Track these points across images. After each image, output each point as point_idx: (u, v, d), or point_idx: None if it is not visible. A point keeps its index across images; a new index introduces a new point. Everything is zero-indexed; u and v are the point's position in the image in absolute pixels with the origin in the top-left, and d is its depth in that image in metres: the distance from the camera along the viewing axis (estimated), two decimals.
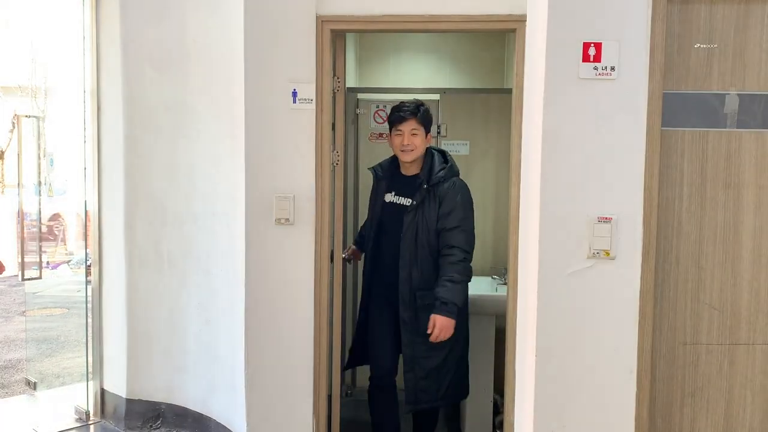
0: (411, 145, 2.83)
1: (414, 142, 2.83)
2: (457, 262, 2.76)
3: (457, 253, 2.76)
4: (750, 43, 2.16)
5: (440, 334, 2.71)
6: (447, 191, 2.82)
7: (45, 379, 4.38)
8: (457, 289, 2.75)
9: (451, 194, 2.81)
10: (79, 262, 8.33)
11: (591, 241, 2.09)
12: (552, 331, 2.13)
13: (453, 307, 2.72)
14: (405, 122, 2.83)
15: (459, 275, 2.75)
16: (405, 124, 2.83)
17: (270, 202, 2.83)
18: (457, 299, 2.74)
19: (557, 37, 2.07)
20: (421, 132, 2.84)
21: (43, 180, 4.11)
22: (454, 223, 2.78)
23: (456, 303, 2.73)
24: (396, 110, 2.89)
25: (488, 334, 3.16)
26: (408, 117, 2.83)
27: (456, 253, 2.77)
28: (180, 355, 3.37)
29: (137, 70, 3.31)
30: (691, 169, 2.18)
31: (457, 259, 2.76)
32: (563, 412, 2.15)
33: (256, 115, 2.82)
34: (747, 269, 2.20)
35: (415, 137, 2.83)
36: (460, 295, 2.77)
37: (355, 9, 2.81)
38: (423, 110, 2.87)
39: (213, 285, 3.20)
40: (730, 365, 2.23)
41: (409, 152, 2.84)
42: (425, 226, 2.82)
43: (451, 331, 2.73)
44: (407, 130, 2.82)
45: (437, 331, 2.71)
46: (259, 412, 2.90)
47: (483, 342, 3.14)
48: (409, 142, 2.83)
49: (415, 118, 2.83)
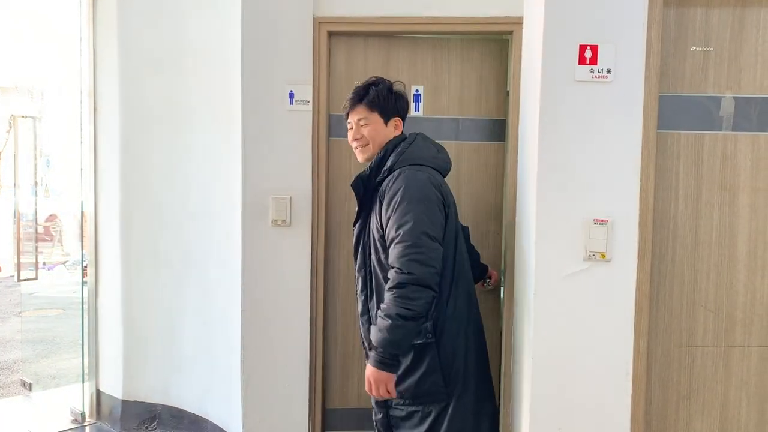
0: (362, 139, 2.21)
1: (365, 133, 2.20)
2: (389, 288, 1.97)
3: (391, 276, 1.99)
4: (745, 47, 2.16)
5: (373, 388, 2.01)
6: (387, 188, 2.10)
7: (41, 380, 4.37)
8: (388, 329, 1.94)
9: (390, 191, 2.07)
10: (76, 263, 8.31)
11: (587, 243, 2.09)
12: (548, 333, 2.13)
13: (385, 354, 1.96)
14: (351, 111, 2.24)
15: (390, 308, 1.95)
16: (352, 113, 2.24)
17: (266, 203, 2.83)
18: (389, 343, 1.94)
19: (554, 39, 2.08)
20: (373, 119, 2.20)
21: (40, 180, 4.11)
22: (392, 233, 2.02)
23: (384, 348, 1.95)
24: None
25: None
26: (353, 104, 2.23)
27: (390, 276, 1.99)
28: (176, 356, 3.36)
29: (134, 70, 3.31)
30: (686, 171, 2.19)
31: (390, 285, 1.98)
32: (559, 414, 2.15)
33: (252, 116, 2.82)
34: (742, 272, 2.20)
35: (365, 128, 2.20)
36: (393, 336, 1.94)
37: (352, 11, 2.82)
38: (373, 90, 2.22)
39: (209, 286, 3.20)
40: (725, 368, 2.23)
41: (362, 149, 2.23)
42: (372, 241, 2.16)
43: (391, 388, 2.01)
44: (355, 120, 2.23)
45: (367, 384, 2.02)
46: (255, 414, 2.90)
47: None
48: (359, 136, 2.21)
49: (361, 104, 2.21)
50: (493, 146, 2.92)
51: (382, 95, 2.22)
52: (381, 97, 2.22)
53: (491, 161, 2.93)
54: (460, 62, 2.92)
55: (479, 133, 2.92)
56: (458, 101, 2.93)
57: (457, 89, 2.93)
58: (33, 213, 4.11)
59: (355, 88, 2.27)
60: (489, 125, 2.92)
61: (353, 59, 2.94)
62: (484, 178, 2.93)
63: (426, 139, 2.29)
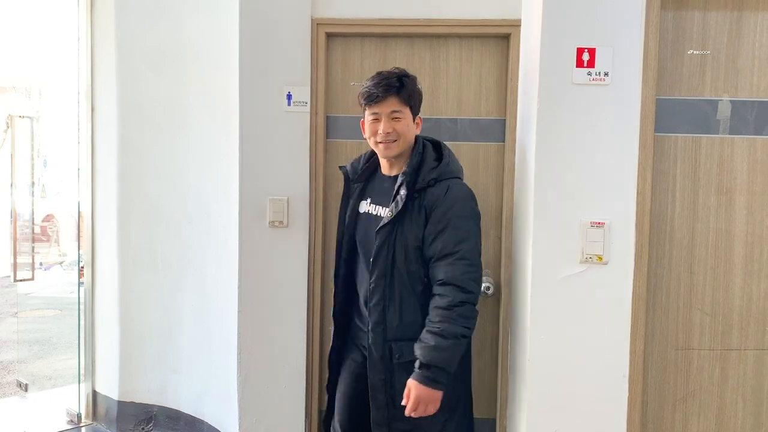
0: (393, 134, 2.06)
1: (397, 128, 2.06)
2: (449, 306, 1.93)
3: (449, 293, 1.94)
4: (743, 50, 2.17)
5: (418, 407, 1.93)
6: (437, 199, 2.02)
7: (37, 380, 4.36)
8: (445, 348, 1.91)
9: (444, 204, 2.01)
10: (72, 264, 8.30)
11: (584, 246, 2.09)
12: (545, 336, 2.13)
13: (439, 373, 1.92)
14: (382, 102, 2.05)
15: (450, 326, 1.91)
16: (383, 104, 2.06)
17: (264, 204, 2.83)
18: (444, 362, 1.92)
19: (551, 42, 2.08)
20: (406, 114, 2.07)
21: (37, 180, 4.10)
22: (448, 249, 1.97)
23: (443, 368, 1.93)
24: (369, 84, 2.08)
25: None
26: (386, 94, 2.05)
27: (448, 293, 1.94)
28: (173, 357, 3.36)
29: (132, 70, 3.31)
30: (683, 174, 2.19)
31: (449, 303, 1.93)
32: (556, 417, 2.15)
33: (250, 117, 2.82)
34: (739, 275, 2.21)
35: (397, 122, 2.06)
36: (451, 355, 1.93)
37: (351, 12, 2.82)
38: (408, 83, 2.08)
39: (206, 287, 3.19)
40: (721, 371, 2.23)
41: (390, 144, 2.07)
42: (403, 249, 2.03)
43: (436, 406, 1.95)
44: (386, 113, 2.06)
45: (413, 403, 1.93)
46: (252, 415, 2.90)
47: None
48: (390, 130, 2.05)
49: (396, 96, 2.05)
50: (493, 147, 2.91)
51: (415, 90, 2.12)
52: (415, 92, 2.11)
53: (491, 162, 2.92)
54: (459, 62, 2.91)
55: (478, 134, 2.92)
56: (456, 101, 2.92)
57: (456, 89, 2.92)
58: (30, 213, 4.10)
59: (382, 77, 2.06)
60: (488, 125, 2.91)
61: (350, 60, 2.94)
62: (484, 180, 2.92)
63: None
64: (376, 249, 2.05)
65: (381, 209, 2.14)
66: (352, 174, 2.26)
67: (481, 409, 2.96)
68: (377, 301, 2.05)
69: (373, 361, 2.06)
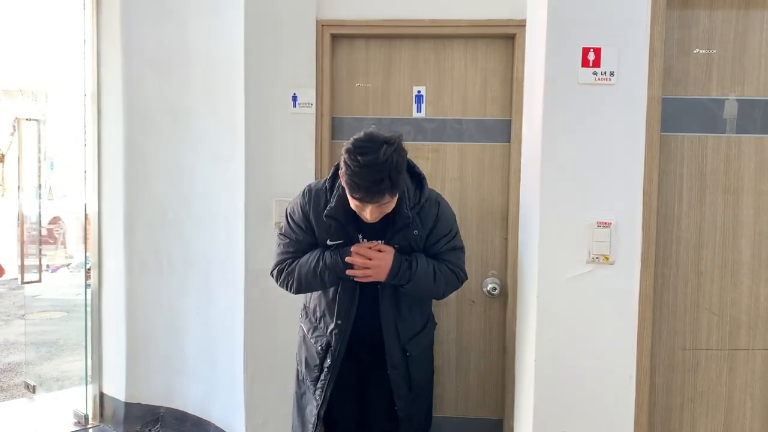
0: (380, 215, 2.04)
1: (384, 211, 2.03)
2: (454, 273, 2.24)
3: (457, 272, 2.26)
4: (749, 49, 2.16)
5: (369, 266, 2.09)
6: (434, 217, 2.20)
7: (44, 382, 4.37)
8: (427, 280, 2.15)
9: (443, 218, 2.21)
10: (79, 266, 8.32)
11: (590, 246, 2.09)
12: (551, 337, 2.13)
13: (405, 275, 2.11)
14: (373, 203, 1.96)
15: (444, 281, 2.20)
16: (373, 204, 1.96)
17: (269, 206, 2.83)
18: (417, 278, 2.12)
19: (557, 42, 2.07)
20: (393, 200, 2.02)
21: (44, 183, 4.12)
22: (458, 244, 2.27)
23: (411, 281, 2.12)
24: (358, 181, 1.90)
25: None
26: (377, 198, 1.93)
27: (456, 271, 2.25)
28: (179, 358, 3.36)
29: (138, 73, 3.32)
30: (690, 174, 2.18)
31: (456, 273, 2.25)
32: (563, 418, 2.14)
33: (256, 119, 2.83)
34: (746, 274, 2.20)
35: (387, 206, 2.01)
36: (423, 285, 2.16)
37: (356, 14, 2.82)
38: (397, 178, 1.92)
39: (212, 289, 3.20)
40: (729, 371, 2.22)
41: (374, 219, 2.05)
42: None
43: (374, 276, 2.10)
44: (374, 204, 1.97)
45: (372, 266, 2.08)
46: (258, 416, 2.90)
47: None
48: (378, 215, 2.02)
49: (389, 194, 1.93)
50: (498, 147, 2.90)
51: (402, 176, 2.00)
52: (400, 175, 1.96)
53: (496, 162, 2.91)
54: (464, 62, 2.90)
55: (484, 134, 2.91)
56: (462, 102, 2.91)
57: (461, 89, 2.91)
58: (37, 215, 4.11)
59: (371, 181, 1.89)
60: (494, 126, 2.90)
61: (355, 61, 2.94)
62: (489, 180, 2.91)
63: None
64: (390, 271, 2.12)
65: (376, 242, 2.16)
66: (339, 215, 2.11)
67: (488, 409, 2.96)
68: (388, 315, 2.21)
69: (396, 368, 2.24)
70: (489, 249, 2.92)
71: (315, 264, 2.16)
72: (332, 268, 2.13)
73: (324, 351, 2.25)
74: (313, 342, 2.29)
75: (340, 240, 2.16)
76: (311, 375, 2.30)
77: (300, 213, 2.20)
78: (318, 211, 2.15)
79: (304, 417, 2.36)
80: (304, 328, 2.36)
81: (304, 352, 2.35)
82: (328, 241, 2.18)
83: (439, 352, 2.93)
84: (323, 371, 2.25)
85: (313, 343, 2.28)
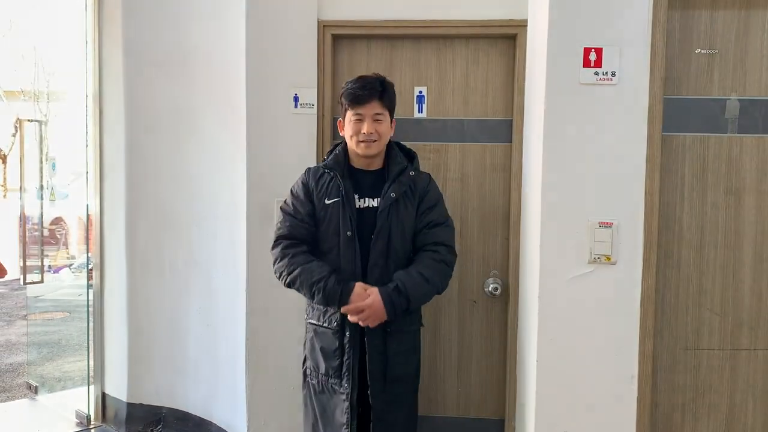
0: (375, 134, 2.21)
1: (379, 130, 2.22)
2: (440, 261, 2.21)
3: (442, 252, 2.22)
4: (751, 49, 2.16)
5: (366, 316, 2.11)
6: (425, 186, 2.31)
7: (46, 383, 4.38)
8: (421, 288, 2.16)
9: (431, 191, 2.31)
10: (81, 266, 8.33)
11: (592, 246, 2.09)
12: (553, 336, 2.13)
13: (402, 302, 2.12)
14: (366, 104, 2.21)
15: (434, 277, 2.18)
16: (367, 106, 2.21)
17: (271, 206, 2.83)
18: (414, 297, 2.14)
19: (558, 42, 2.08)
20: (386, 117, 2.24)
21: (45, 184, 4.12)
22: (441, 219, 2.28)
23: (408, 300, 2.13)
24: (354, 87, 2.23)
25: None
26: (371, 97, 2.21)
27: (441, 251, 2.22)
28: (181, 359, 3.37)
29: (139, 74, 3.33)
30: (692, 174, 2.18)
31: (441, 258, 2.22)
32: (564, 417, 2.15)
33: (257, 119, 2.83)
34: (748, 274, 2.20)
35: (379, 124, 2.22)
36: (421, 296, 2.19)
37: (357, 14, 2.82)
38: (389, 88, 2.27)
39: (214, 289, 3.20)
40: (731, 371, 2.22)
41: (370, 144, 2.22)
42: (400, 230, 2.24)
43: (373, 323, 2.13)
44: (369, 114, 2.21)
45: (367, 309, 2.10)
46: (260, 417, 2.90)
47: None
48: (373, 131, 2.21)
49: (379, 100, 2.22)
50: (500, 147, 2.89)
51: (394, 95, 2.30)
52: (393, 97, 2.30)
53: (498, 162, 2.90)
54: (465, 62, 2.90)
55: (485, 135, 2.91)
56: (463, 102, 2.91)
57: (462, 90, 2.91)
58: (39, 216, 4.12)
59: (365, 81, 2.24)
60: (495, 126, 2.90)
61: (356, 62, 2.94)
62: (491, 180, 2.91)
63: None
64: (376, 232, 2.21)
65: (370, 200, 2.27)
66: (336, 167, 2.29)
67: (490, 409, 2.96)
68: (377, 279, 2.20)
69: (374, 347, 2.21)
70: (490, 249, 2.92)
71: (317, 280, 2.17)
72: (330, 293, 2.15)
73: (341, 327, 2.22)
74: (326, 325, 2.26)
75: (337, 198, 2.24)
76: (332, 364, 2.24)
77: (300, 184, 2.34)
78: (316, 177, 2.31)
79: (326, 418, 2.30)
80: (314, 319, 2.32)
81: (318, 343, 2.29)
82: (326, 200, 2.26)
83: (439, 352, 2.93)
84: (345, 348, 2.22)
85: (327, 326, 2.26)
